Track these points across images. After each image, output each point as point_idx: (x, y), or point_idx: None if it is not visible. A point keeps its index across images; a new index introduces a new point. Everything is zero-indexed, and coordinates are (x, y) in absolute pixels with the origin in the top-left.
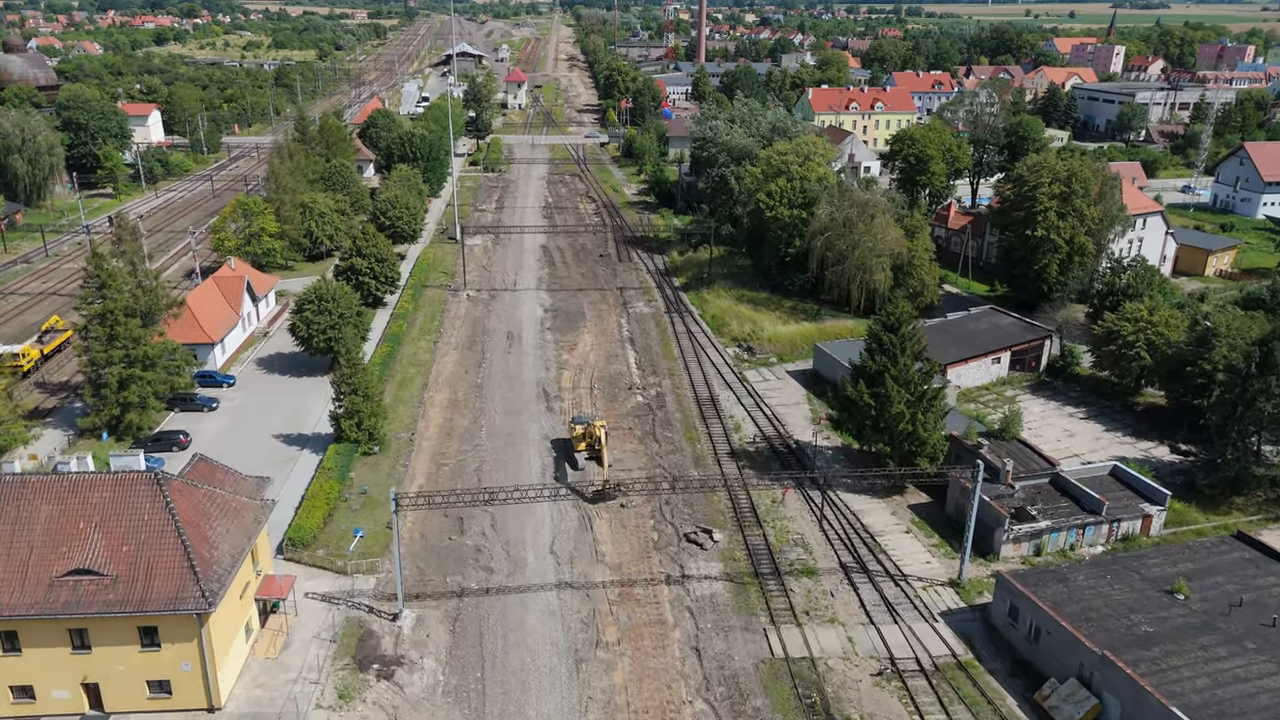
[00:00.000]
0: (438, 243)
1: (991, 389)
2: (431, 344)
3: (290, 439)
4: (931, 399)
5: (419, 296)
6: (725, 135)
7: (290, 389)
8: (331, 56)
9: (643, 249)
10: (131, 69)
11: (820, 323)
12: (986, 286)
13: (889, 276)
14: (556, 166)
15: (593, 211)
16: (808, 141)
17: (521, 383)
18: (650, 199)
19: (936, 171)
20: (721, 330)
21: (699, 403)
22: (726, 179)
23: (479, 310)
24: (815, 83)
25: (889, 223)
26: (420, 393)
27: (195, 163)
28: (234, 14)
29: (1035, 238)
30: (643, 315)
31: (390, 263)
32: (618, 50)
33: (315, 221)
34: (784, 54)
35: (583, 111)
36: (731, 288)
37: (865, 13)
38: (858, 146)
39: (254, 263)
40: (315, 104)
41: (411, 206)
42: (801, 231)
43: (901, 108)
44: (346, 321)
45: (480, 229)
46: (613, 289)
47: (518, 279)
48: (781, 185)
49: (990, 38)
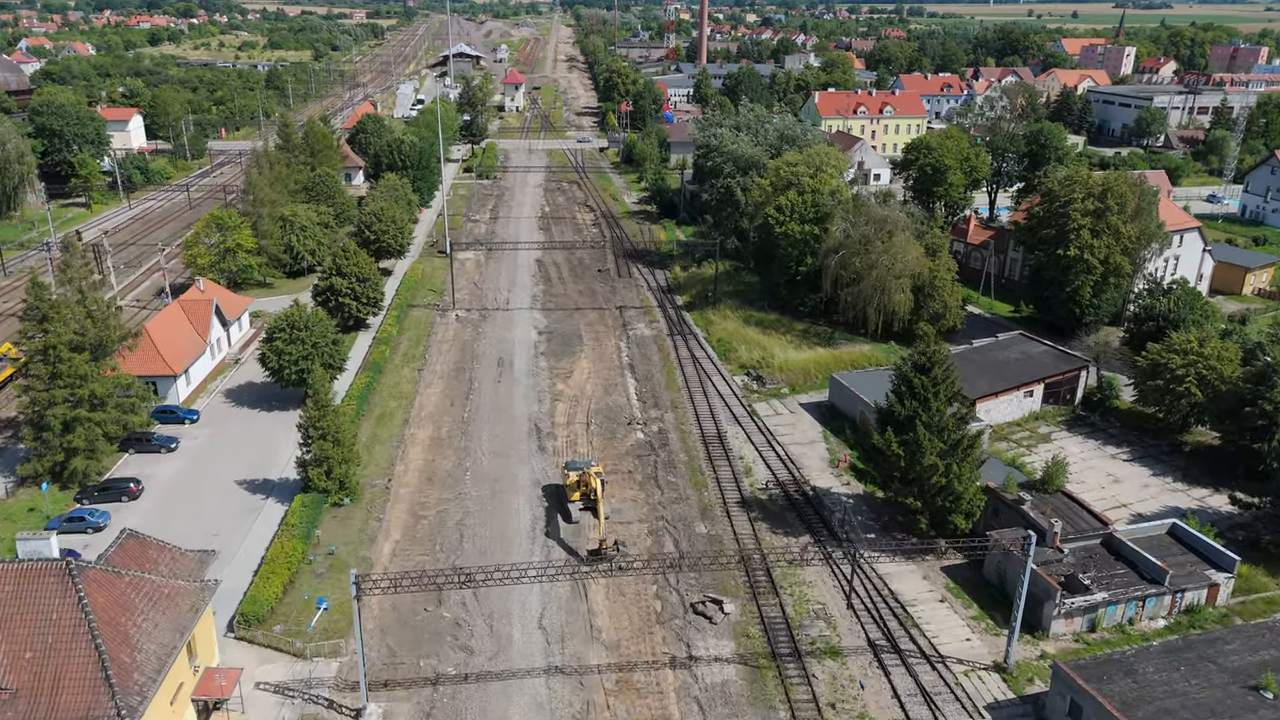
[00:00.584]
0: (427, 256)
1: (1024, 425)
2: (415, 372)
3: (254, 485)
4: (968, 448)
5: (404, 318)
6: (731, 144)
7: (260, 424)
8: (327, 57)
9: (643, 263)
10: (120, 70)
11: (835, 348)
12: (1010, 307)
13: (909, 299)
14: (554, 173)
15: (591, 222)
16: (819, 152)
17: (512, 417)
18: (651, 208)
19: (954, 182)
20: (728, 356)
21: (705, 440)
22: (732, 190)
23: (468, 333)
24: (821, 86)
25: (909, 241)
26: (400, 430)
27: (177, 170)
28: (231, 14)
29: (1067, 258)
30: (644, 338)
31: (373, 282)
32: (618, 51)
33: (296, 236)
34: (787, 55)
35: (581, 114)
36: (738, 307)
37: (866, 12)
38: (867, 153)
39: (230, 281)
40: (307, 107)
41: (398, 220)
42: (813, 249)
43: (911, 112)
44: (321, 351)
45: (473, 241)
46: (611, 308)
47: (510, 297)
48: (792, 199)
49: (996, 39)
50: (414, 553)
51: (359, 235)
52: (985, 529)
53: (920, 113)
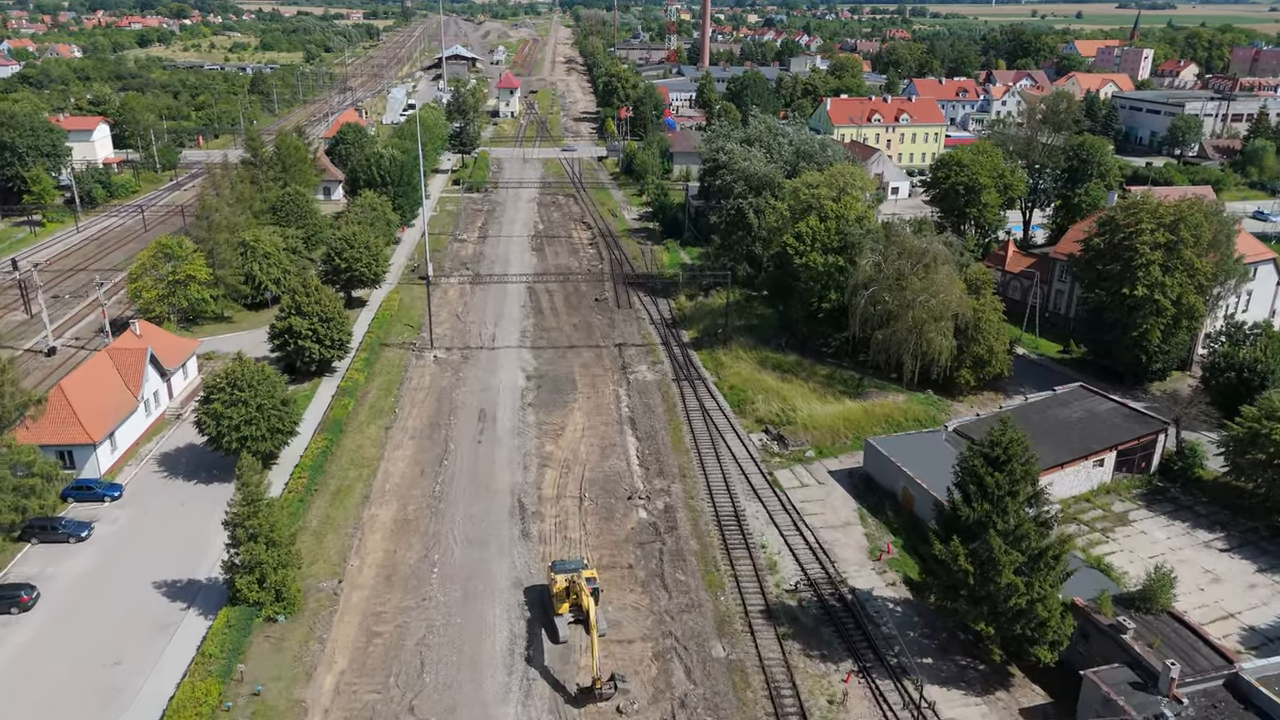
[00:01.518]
0: (407, 284)
1: (1094, 501)
2: (382, 431)
3: (176, 589)
4: (1054, 559)
5: (375, 360)
6: (742, 161)
7: (195, 500)
8: (319, 59)
9: (645, 290)
10: (101, 74)
11: (865, 399)
12: (1058, 346)
13: (951, 344)
14: (549, 185)
15: (588, 241)
16: (842, 172)
17: (492, 491)
18: (653, 226)
19: (989, 202)
20: (743, 408)
21: (719, 521)
22: (744, 212)
23: (447, 378)
24: (832, 91)
25: (950, 277)
26: (359, 510)
27: (146, 183)
28: (225, 14)
29: (1134, 297)
30: (646, 383)
31: (338, 322)
32: (617, 53)
33: (258, 264)
34: (792, 57)
35: (580, 120)
36: (752, 346)
37: (869, 13)
38: (885, 164)
39: (181, 316)
40: (292, 113)
41: (372, 245)
42: (838, 282)
43: (929, 119)
44: (267, 415)
45: (458, 265)
46: (610, 346)
47: (497, 333)
48: (813, 225)
49: (1006, 40)
50: (362, 689)
51: (327, 263)
52: (1073, 658)
53: (938, 120)
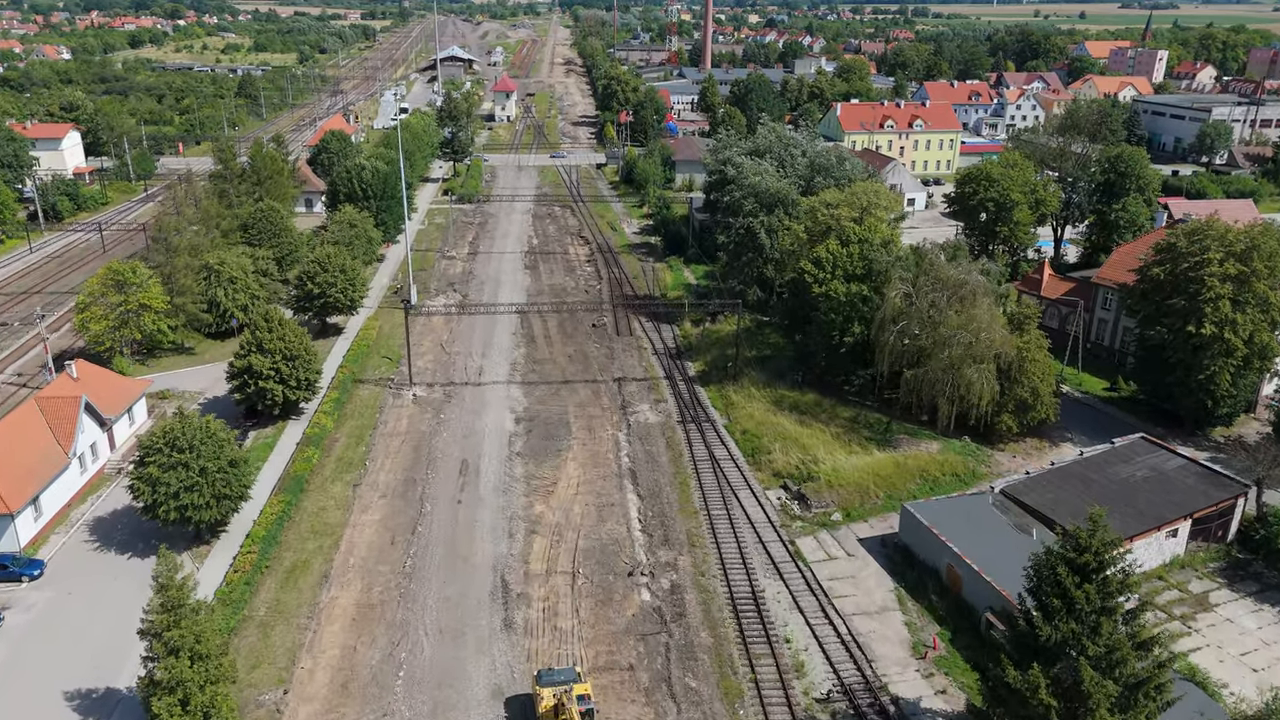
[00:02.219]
0: (388, 308)
1: (1167, 579)
2: (349, 489)
3: (90, 703)
4: (1157, 689)
5: (347, 400)
6: (752, 176)
7: (130, 576)
8: (312, 61)
9: (646, 314)
10: (86, 76)
11: (895, 449)
12: (1104, 383)
13: (994, 388)
14: (545, 196)
15: (585, 258)
16: (865, 190)
17: (472, 565)
18: (654, 240)
19: (1021, 220)
20: (758, 457)
21: (735, 606)
22: (754, 232)
23: (426, 421)
24: (841, 96)
25: (992, 312)
26: (316, 592)
27: (118, 193)
28: (221, 15)
29: (1202, 336)
30: (648, 426)
31: (304, 360)
32: (617, 54)
33: (223, 289)
34: (796, 59)
35: (578, 125)
36: (765, 383)
37: (870, 13)
38: (901, 174)
39: (137, 348)
40: (280, 117)
41: (349, 268)
42: (862, 314)
43: (944, 125)
44: (211, 479)
45: (446, 286)
46: (608, 380)
47: (485, 365)
48: (833, 250)
49: (1015, 41)
50: None
51: (299, 288)
52: None
53: (954, 126)
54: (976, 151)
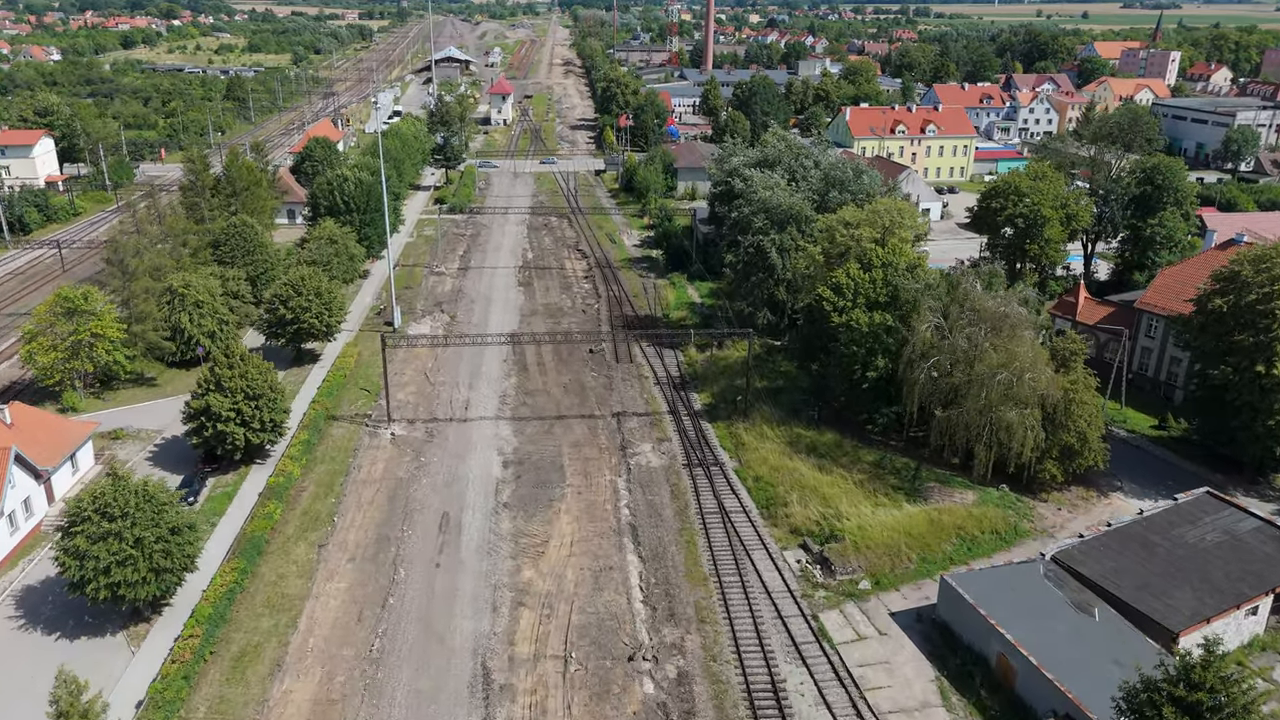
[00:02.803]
0: (369, 332)
1: (1246, 662)
2: (314, 551)
3: None
4: None
5: (318, 441)
6: (763, 191)
7: (60, 658)
8: (306, 62)
9: (647, 338)
10: (72, 78)
11: (926, 500)
12: (1150, 419)
13: (1039, 436)
14: (541, 205)
15: (583, 273)
16: (887, 208)
17: (449, 648)
18: (656, 254)
19: (1052, 238)
20: (773, 509)
21: (752, 702)
22: (765, 251)
23: (405, 465)
24: (849, 99)
25: (1036, 350)
26: (267, 684)
27: (93, 203)
28: (217, 15)
29: (1274, 377)
30: (650, 471)
31: (270, 398)
32: (616, 55)
33: (188, 314)
34: (800, 60)
35: (577, 128)
36: (780, 420)
37: (871, 13)
38: (916, 183)
39: (89, 381)
40: (269, 121)
41: (325, 291)
42: (886, 346)
43: (958, 131)
44: (148, 551)
45: (433, 305)
46: (606, 415)
47: (472, 398)
48: (855, 275)
49: (1022, 41)
50: None
51: (271, 313)
52: None
53: (968, 131)
54: (991, 158)
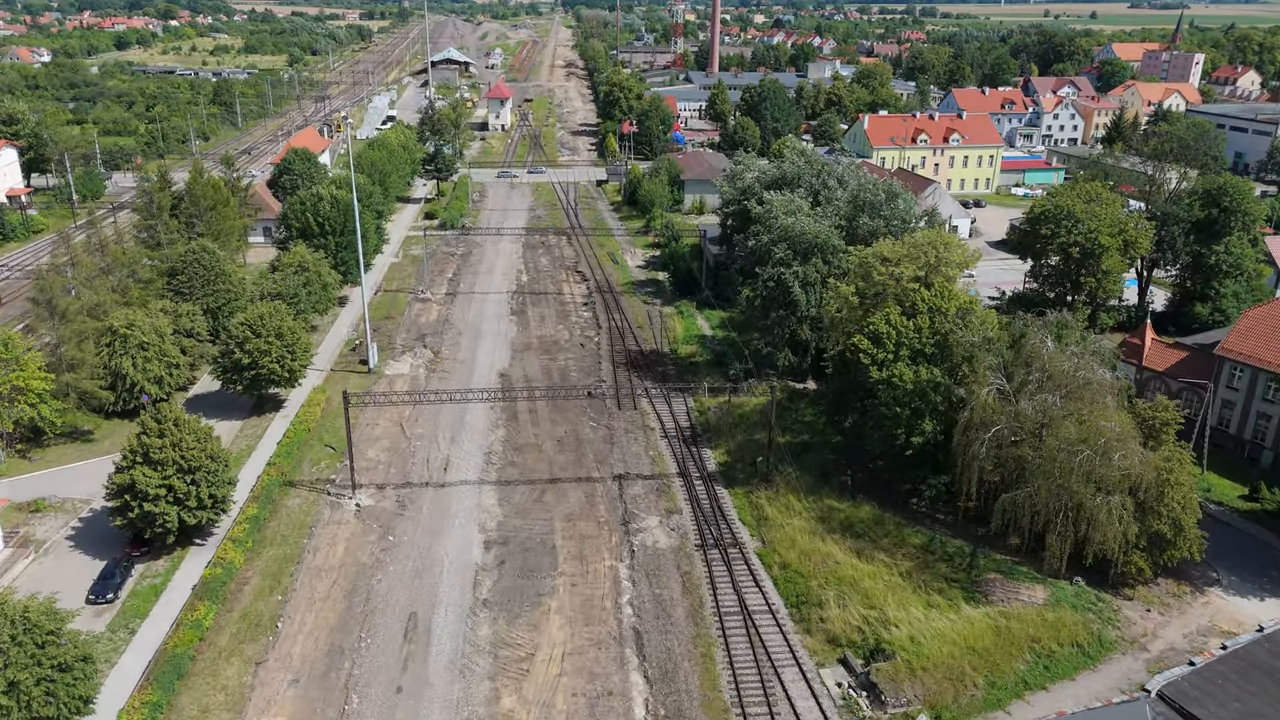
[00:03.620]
0: (343, 370)
1: None
2: (249, 671)
3: None
4: None
5: (269, 516)
6: (784, 217)
7: None
8: (302, 63)
9: (653, 377)
10: (55, 82)
11: (989, 599)
12: (1238, 487)
13: (1130, 528)
14: (539, 219)
15: (582, 299)
16: (931, 242)
17: None
18: (662, 277)
19: (1111, 268)
20: (805, 610)
21: None
22: (786, 284)
23: (369, 546)
24: (866, 105)
25: (1123, 425)
26: None
27: (59, 219)
28: (215, 15)
29: None
30: (658, 555)
31: (209, 470)
32: (620, 56)
33: (131, 358)
34: (809, 62)
35: (578, 134)
36: (808, 487)
37: (876, 13)
38: (944, 199)
39: (11, 440)
40: (256, 127)
41: (289, 331)
42: (934, 405)
43: (983, 139)
44: (24, 694)
45: (415, 339)
46: (606, 477)
47: (452, 456)
48: (895, 321)
49: (1037, 42)
50: None
51: (226, 357)
52: None
53: (994, 140)
54: (1017, 168)
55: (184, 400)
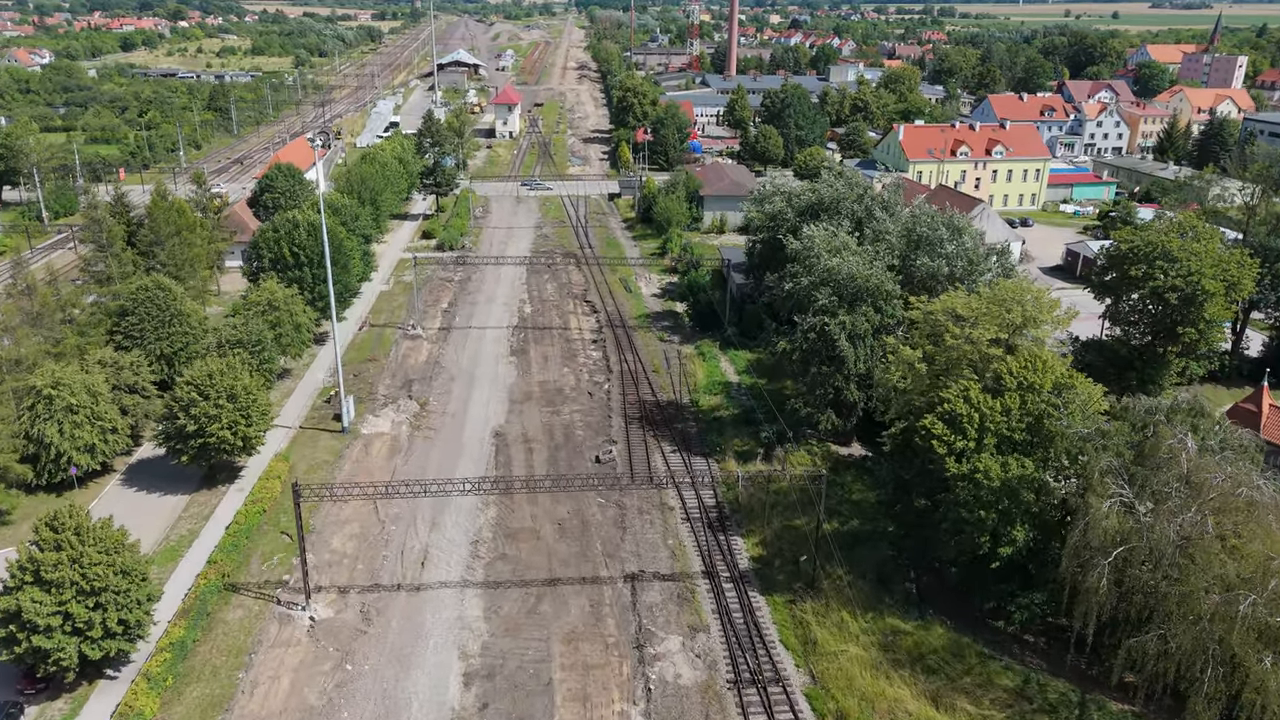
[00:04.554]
0: (313, 428)
1: None
2: None
3: None
4: None
5: (201, 636)
6: (829, 258)
7: None
8: (308, 65)
9: (672, 437)
10: (47, 86)
11: None
12: None
13: None
14: (545, 239)
15: (591, 334)
16: (1015, 295)
17: None
18: (680, 309)
19: (1215, 316)
20: None
21: None
22: (832, 337)
23: (319, 682)
24: (898, 114)
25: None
26: None
27: (26, 237)
28: (226, 16)
29: None
30: (680, 696)
31: (119, 589)
32: (634, 58)
33: (56, 424)
34: (829, 64)
35: (590, 141)
36: (866, 602)
37: (894, 13)
38: (993, 223)
39: None
40: (253, 134)
41: (243, 394)
42: (1027, 508)
43: (1028, 151)
44: None
45: (400, 388)
46: (616, 578)
47: (431, 546)
48: (976, 399)
49: (1068, 44)
50: None
51: (169, 421)
52: None
53: (1041, 153)
54: (1063, 182)
55: (125, 467)
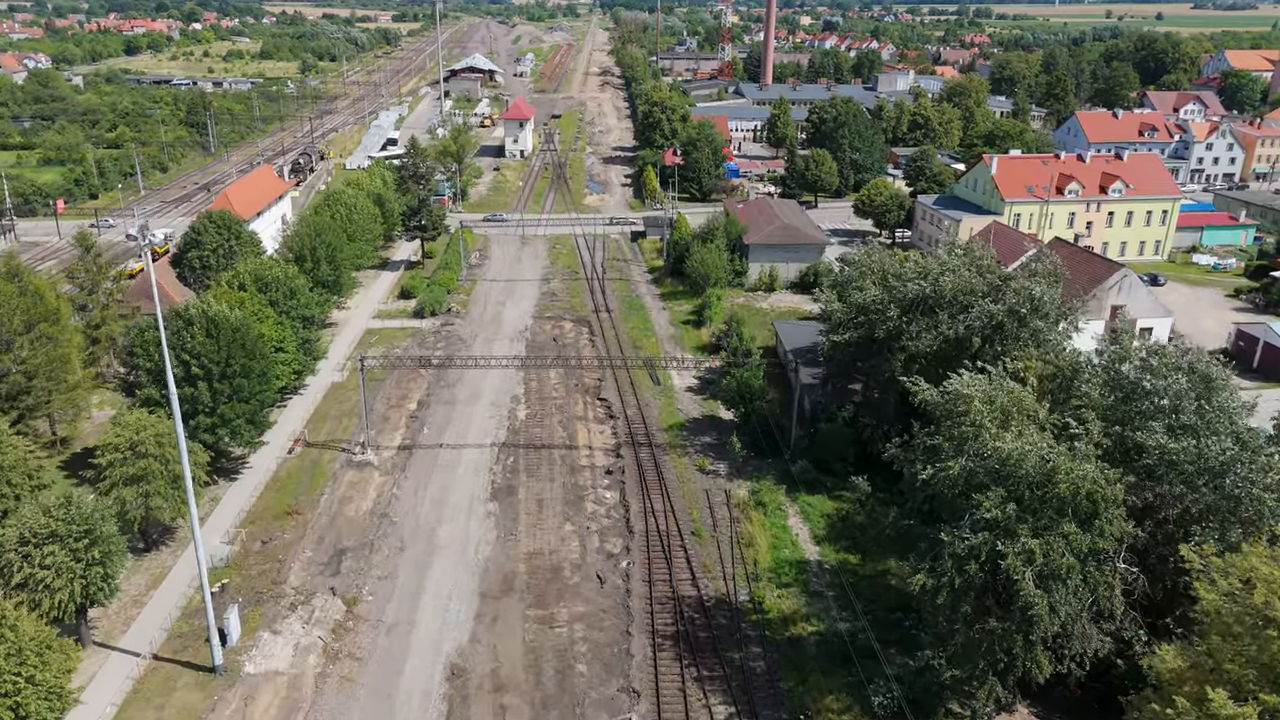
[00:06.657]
0: (166, 670)
1: None
2: None
3: None
4: None
5: None
6: (998, 442)
7: None
8: (315, 70)
9: (722, 687)
10: (17, 96)
11: None
12: None
13: None
14: (553, 298)
15: (605, 460)
16: None
17: None
18: (726, 415)
19: None
20: None
21: None
22: (1002, 569)
23: None
24: (984, 139)
25: None
26: None
27: None
28: (243, 17)
29: None
30: None
31: None
32: (660, 63)
33: None
34: (875, 72)
35: (611, 161)
36: None
37: (927, 13)
38: (1135, 292)
39: None
40: (233, 152)
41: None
42: None
43: (1154, 189)
44: None
45: (320, 570)
46: None
47: None
48: None
49: (1134, 49)
50: None
51: None
52: None
53: (1169, 190)
54: (1190, 224)
55: None
